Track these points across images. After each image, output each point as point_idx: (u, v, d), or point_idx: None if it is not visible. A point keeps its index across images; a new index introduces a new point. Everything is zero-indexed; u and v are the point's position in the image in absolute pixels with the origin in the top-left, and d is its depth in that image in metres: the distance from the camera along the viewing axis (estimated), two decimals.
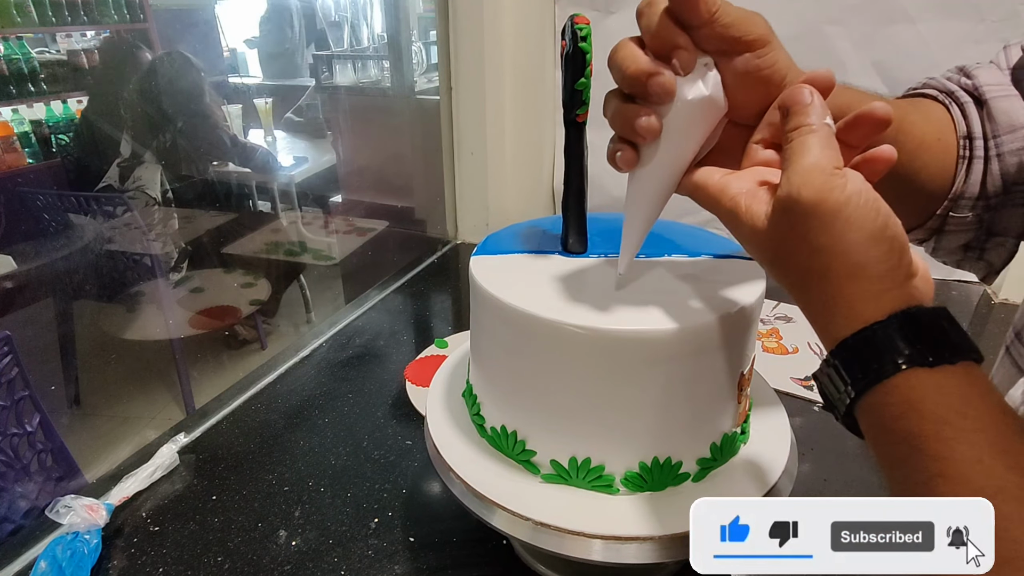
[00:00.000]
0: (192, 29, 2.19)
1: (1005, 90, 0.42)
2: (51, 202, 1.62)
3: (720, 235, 0.52)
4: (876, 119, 0.31)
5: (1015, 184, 0.41)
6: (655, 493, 0.42)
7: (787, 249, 0.30)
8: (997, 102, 0.41)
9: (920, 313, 0.27)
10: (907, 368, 0.26)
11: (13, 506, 0.94)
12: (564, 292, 0.41)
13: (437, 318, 0.96)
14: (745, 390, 0.44)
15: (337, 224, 2.12)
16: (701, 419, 0.42)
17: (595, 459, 0.41)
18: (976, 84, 0.42)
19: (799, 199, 0.28)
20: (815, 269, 0.29)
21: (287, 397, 0.74)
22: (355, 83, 2.31)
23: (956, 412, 0.25)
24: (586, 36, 0.39)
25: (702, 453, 0.43)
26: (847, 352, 0.28)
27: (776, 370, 0.76)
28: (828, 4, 0.92)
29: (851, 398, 0.28)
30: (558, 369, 0.40)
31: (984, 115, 0.42)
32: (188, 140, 1.74)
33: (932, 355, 0.26)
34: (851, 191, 0.28)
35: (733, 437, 0.44)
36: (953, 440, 0.25)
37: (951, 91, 0.43)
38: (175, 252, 1.75)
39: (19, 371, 1.02)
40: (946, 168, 0.42)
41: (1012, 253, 0.44)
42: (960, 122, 0.42)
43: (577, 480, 0.42)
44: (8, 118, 1.74)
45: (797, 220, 0.29)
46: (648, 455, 0.41)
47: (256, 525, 0.56)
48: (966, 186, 0.42)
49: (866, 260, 0.28)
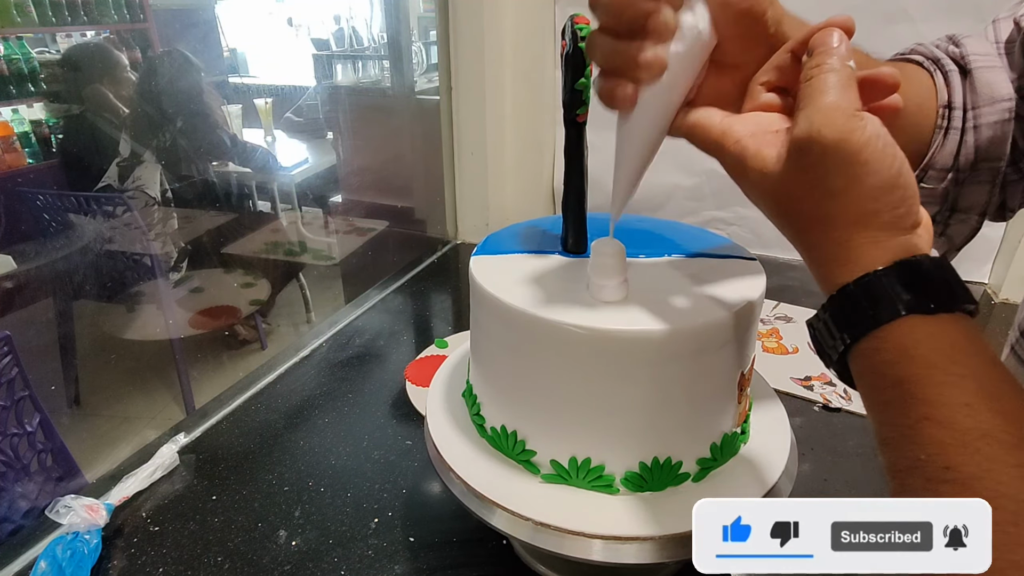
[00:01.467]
0: (192, 29, 2.19)
1: (990, 61, 0.41)
2: (51, 202, 1.62)
3: (720, 235, 0.52)
4: (886, 84, 0.31)
5: (984, 160, 0.41)
6: (655, 493, 0.42)
7: (798, 194, 0.30)
8: (981, 72, 0.41)
9: (923, 261, 0.27)
10: (906, 314, 0.27)
11: (13, 506, 0.94)
12: (564, 292, 0.41)
13: (437, 318, 0.96)
14: (745, 390, 0.44)
15: (337, 224, 2.12)
16: (701, 419, 0.42)
17: (595, 459, 0.41)
18: (963, 52, 0.42)
19: (820, 138, 0.28)
20: (825, 214, 0.29)
21: (287, 397, 0.74)
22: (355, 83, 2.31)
23: (947, 358, 0.26)
24: (586, 36, 0.40)
25: (702, 453, 0.43)
26: (846, 299, 0.28)
27: (776, 370, 0.76)
28: (828, 4, 0.92)
29: (845, 344, 0.29)
30: (558, 369, 0.40)
31: (967, 85, 0.41)
32: (188, 139, 1.74)
33: (933, 302, 0.27)
34: (871, 133, 0.28)
35: (733, 437, 0.44)
36: (943, 385, 0.25)
37: (937, 58, 0.43)
38: (175, 252, 1.74)
39: (19, 371, 1.02)
40: (922, 134, 0.42)
41: (974, 231, 0.44)
42: (942, 90, 0.41)
43: (577, 480, 0.42)
44: (8, 118, 1.74)
45: (814, 161, 0.28)
46: (648, 455, 0.41)
47: (256, 525, 0.56)
48: (938, 156, 0.42)
49: (878, 207, 0.28)
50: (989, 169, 0.41)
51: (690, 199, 1.13)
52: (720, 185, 1.08)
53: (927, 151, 0.42)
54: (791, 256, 1.30)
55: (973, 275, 1.01)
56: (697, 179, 1.08)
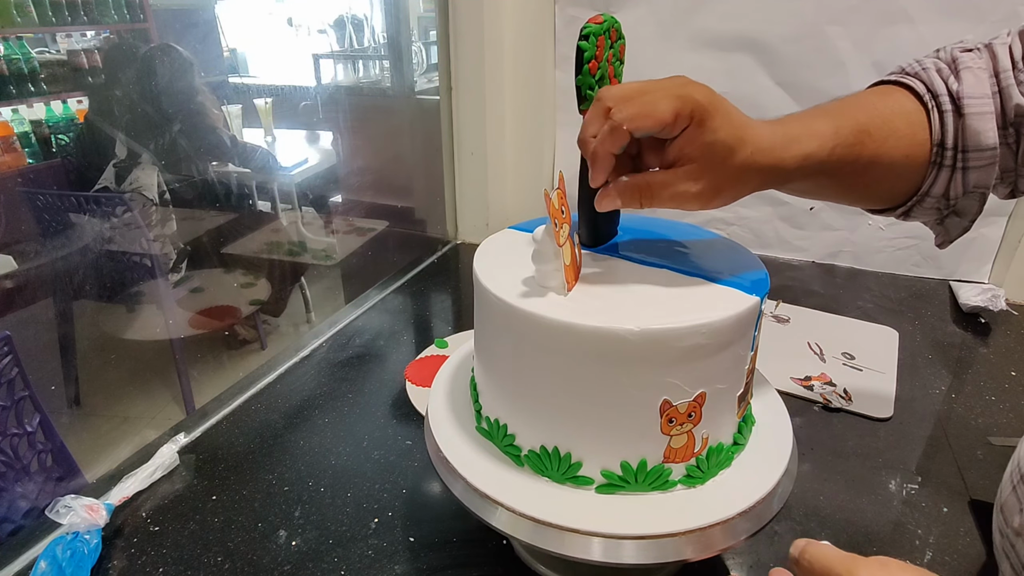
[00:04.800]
0: (192, 29, 2.18)
1: (981, 106, 0.44)
2: (51, 202, 1.62)
3: (720, 234, 0.52)
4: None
5: (974, 189, 0.46)
6: (655, 493, 0.42)
7: None
8: (972, 119, 0.44)
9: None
10: None
11: (13, 506, 0.94)
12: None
13: (437, 318, 0.96)
14: (748, 390, 0.44)
15: (337, 224, 2.12)
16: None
17: (575, 454, 0.42)
18: (960, 92, 0.45)
19: None
20: None
21: (287, 397, 0.74)
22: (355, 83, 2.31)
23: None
24: (587, 35, 0.40)
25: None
26: None
27: (776, 370, 0.76)
28: (828, 4, 0.92)
29: None
30: (533, 359, 0.41)
31: (959, 127, 0.45)
32: (187, 139, 1.74)
33: None
34: None
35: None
36: None
37: (937, 95, 0.45)
38: (173, 253, 1.74)
39: (19, 371, 1.02)
40: (913, 161, 0.46)
41: (966, 229, 0.50)
42: (936, 130, 0.45)
43: (553, 473, 0.43)
44: (8, 118, 1.74)
45: None
46: (633, 457, 0.41)
47: (256, 525, 0.56)
48: (933, 189, 0.47)
49: None
50: (979, 194, 0.47)
51: None
52: None
53: (922, 179, 0.47)
54: (791, 256, 1.30)
55: (973, 275, 1.01)
56: None
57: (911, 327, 0.89)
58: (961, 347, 0.85)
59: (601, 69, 0.44)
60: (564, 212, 0.40)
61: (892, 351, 0.82)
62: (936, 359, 0.81)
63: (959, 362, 0.82)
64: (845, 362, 0.79)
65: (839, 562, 0.31)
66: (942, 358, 0.82)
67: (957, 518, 0.56)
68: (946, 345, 0.85)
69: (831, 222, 1.06)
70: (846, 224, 1.05)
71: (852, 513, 0.56)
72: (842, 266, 1.07)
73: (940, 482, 0.60)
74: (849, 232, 1.06)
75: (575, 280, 0.42)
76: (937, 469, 0.62)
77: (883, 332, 0.87)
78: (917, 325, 0.90)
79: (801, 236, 1.08)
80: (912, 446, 0.65)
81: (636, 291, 0.42)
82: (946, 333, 0.88)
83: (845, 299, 0.96)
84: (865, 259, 1.07)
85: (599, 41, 0.43)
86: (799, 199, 1.05)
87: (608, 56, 0.44)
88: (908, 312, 0.93)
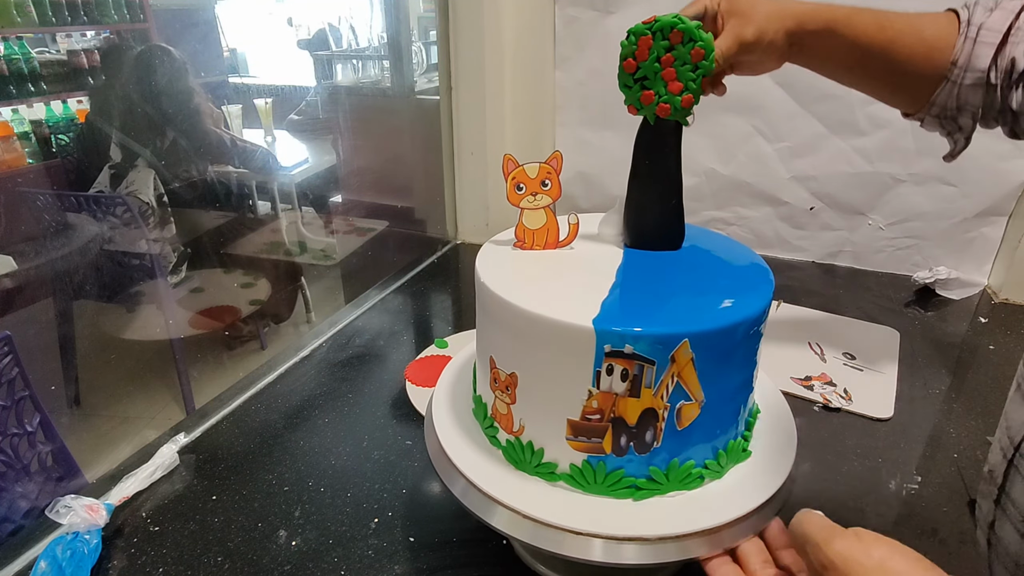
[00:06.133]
0: (192, 29, 2.18)
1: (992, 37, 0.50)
2: (51, 202, 1.62)
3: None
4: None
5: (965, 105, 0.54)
6: (655, 496, 0.42)
7: None
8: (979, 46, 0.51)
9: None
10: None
11: (13, 506, 0.94)
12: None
13: (437, 318, 0.96)
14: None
15: (337, 224, 2.12)
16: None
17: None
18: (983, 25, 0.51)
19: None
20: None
21: (287, 397, 0.74)
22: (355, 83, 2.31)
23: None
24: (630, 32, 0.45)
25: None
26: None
27: (776, 370, 0.76)
28: None
29: None
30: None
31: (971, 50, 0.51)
32: (186, 140, 1.73)
33: None
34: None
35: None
36: None
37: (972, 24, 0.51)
38: (173, 255, 1.74)
39: (19, 371, 1.02)
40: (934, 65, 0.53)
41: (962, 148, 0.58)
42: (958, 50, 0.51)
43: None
44: (8, 118, 1.74)
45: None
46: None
47: (256, 525, 0.56)
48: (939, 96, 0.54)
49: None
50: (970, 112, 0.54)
51: (690, 199, 1.13)
52: (720, 185, 1.08)
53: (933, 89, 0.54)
54: (791, 256, 1.30)
55: (973, 275, 1.01)
56: (697, 179, 1.08)
57: (911, 327, 0.89)
58: (961, 347, 0.85)
59: (644, 69, 0.44)
60: (548, 185, 0.46)
61: (892, 351, 0.82)
62: (936, 359, 0.81)
63: (959, 362, 0.82)
64: (845, 362, 0.79)
65: (818, 531, 0.33)
66: (942, 358, 0.82)
67: (957, 518, 0.56)
68: (946, 345, 0.85)
69: (831, 222, 1.06)
70: (846, 224, 1.05)
71: (852, 513, 0.56)
72: (842, 266, 1.07)
73: (940, 482, 0.60)
74: (849, 232, 1.06)
75: (534, 245, 0.48)
76: (937, 469, 0.62)
77: (883, 332, 0.87)
78: (917, 325, 0.90)
79: (801, 236, 1.08)
80: (912, 446, 0.65)
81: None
82: (946, 333, 0.88)
83: (845, 299, 0.96)
84: (865, 259, 1.07)
85: (641, 40, 0.43)
86: (799, 199, 1.05)
87: (666, 58, 0.44)
88: (908, 312, 0.94)
